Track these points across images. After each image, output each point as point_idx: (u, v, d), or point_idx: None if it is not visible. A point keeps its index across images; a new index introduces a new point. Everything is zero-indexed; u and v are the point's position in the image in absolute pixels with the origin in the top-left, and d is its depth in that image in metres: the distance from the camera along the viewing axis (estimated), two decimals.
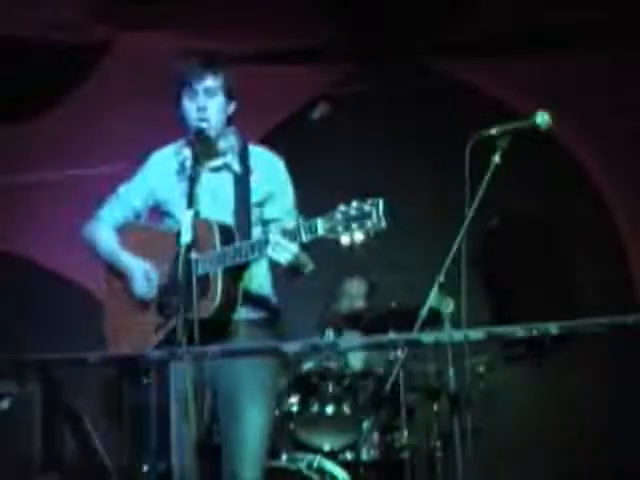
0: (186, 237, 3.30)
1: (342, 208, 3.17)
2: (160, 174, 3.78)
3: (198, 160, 3.57)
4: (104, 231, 3.84)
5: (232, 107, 3.74)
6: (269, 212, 3.73)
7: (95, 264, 3.89)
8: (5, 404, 5.19)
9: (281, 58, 6.21)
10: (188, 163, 3.61)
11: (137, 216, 3.85)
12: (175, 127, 3.78)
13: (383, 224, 3.13)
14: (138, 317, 3.67)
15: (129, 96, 6.08)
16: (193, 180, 3.48)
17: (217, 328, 3.50)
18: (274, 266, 3.59)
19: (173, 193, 3.71)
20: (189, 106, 3.66)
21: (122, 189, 3.87)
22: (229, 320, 3.56)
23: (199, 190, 3.51)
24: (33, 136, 6.18)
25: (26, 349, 5.21)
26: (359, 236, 3.13)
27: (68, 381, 5.76)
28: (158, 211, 3.83)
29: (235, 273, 3.52)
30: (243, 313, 3.61)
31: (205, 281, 3.45)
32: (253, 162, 3.75)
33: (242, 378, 3.60)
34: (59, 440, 5.68)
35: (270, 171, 3.77)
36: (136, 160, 3.92)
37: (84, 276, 5.75)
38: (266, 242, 3.36)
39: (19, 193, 6.18)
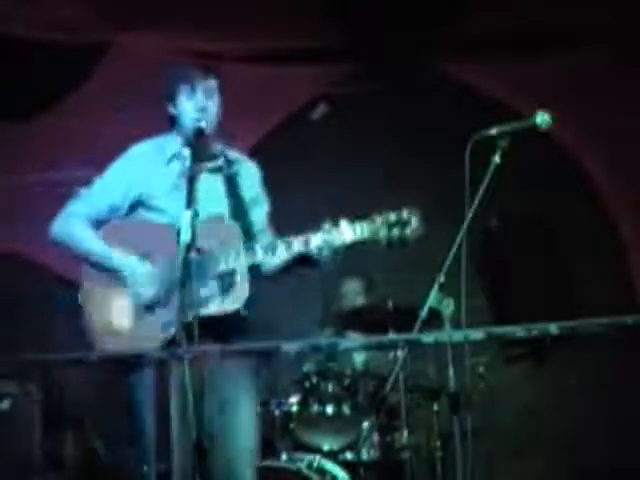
0: (186, 236, 3.29)
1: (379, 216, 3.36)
2: (143, 167, 3.74)
3: (197, 160, 3.57)
4: (81, 227, 3.72)
5: (221, 110, 3.76)
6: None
7: None
8: (5, 404, 5.19)
9: (281, 58, 6.20)
10: (187, 163, 3.57)
11: (112, 211, 3.73)
12: None
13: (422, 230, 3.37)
14: (130, 318, 3.62)
15: (129, 96, 6.07)
16: (192, 180, 3.47)
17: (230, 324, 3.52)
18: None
19: (160, 187, 3.68)
20: (187, 105, 3.67)
21: (97, 184, 3.79)
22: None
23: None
24: (33, 136, 6.17)
25: (26, 349, 5.22)
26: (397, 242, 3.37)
27: (68, 381, 5.76)
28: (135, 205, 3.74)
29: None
30: None
31: (230, 276, 3.49)
32: (236, 167, 3.77)
33: (234, 378, 3.61)
34: (59, 440, 5.68)
35: (251, 179, 3.82)
36: None
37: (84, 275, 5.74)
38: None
39: (19, 193, 6.17)
